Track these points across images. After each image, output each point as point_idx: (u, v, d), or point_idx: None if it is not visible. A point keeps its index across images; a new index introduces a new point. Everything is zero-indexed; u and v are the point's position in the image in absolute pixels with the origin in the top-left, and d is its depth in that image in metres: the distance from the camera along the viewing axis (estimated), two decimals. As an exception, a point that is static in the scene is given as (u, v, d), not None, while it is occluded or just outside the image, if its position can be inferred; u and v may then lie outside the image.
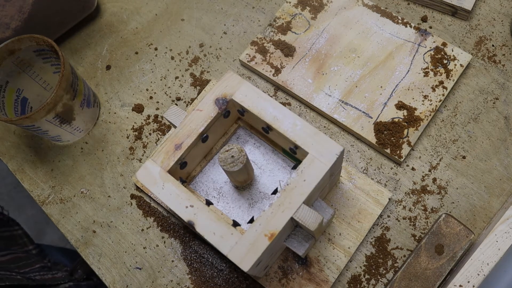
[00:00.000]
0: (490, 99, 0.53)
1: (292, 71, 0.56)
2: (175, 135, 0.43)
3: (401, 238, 0.49)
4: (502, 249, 0.43)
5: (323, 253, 0.48)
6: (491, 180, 0.50)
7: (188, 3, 0.64)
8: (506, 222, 0.45)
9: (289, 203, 0.39)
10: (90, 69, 0.62)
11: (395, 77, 0.55)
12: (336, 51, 0.57)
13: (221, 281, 0.49)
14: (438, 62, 0.54)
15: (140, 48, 0.62)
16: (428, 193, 0.50)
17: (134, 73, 0.61)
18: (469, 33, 0.57)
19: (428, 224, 0.49)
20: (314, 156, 0.40)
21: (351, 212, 0.49)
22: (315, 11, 0.60)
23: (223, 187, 0.48)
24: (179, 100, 0.58)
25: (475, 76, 0.55)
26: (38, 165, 0.57)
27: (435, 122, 0.53)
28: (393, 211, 0.50)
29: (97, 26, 0.65)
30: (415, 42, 0.56)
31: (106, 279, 0.51)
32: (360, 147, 0.53)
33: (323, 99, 0.54)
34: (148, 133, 0.57)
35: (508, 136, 0.52)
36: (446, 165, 0.51)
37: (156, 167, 0.42)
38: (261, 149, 0.49)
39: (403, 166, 0.51)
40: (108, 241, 0.52)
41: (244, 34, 0.61)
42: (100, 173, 0.56)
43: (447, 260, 0.45)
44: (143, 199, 0.54)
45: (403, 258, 0.48)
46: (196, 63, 0.60)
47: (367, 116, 0.53)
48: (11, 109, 0.54)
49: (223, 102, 0.44)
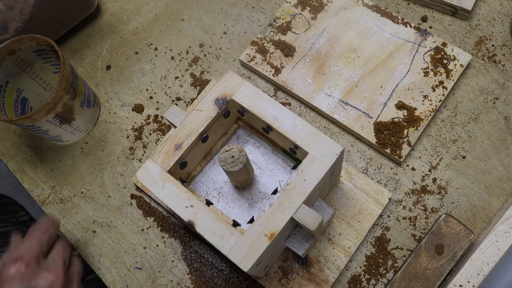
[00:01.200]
0: (490, 99, 0.53)
1: (292, 71, 0.56)
2: (175, 135, 0.43)
3: (401, 238, 0.49)
4: (502, 249, 0.43)
5: (323, 253, 0.48)
6: (491, 180, 0.50)
7: (188, 3, 0.64)
8: (506, 222, 0.45)
9: (289, 203, 0.39)
10: (90, 69, 0.62)
11: (395, 77, 0.54)
12: (336, 51, 0.57)
13: (221, 281, 0.49)
14: (438, 62, 0.54)
15: (140, 48, 0.62)
16: (428, 193, 0.50)
17: (134, 73, 0.61)
18: (469, 33, 0.57)
19: (428, 224, 0.49)
20: (314, 156, 0.40)
21: (351, 212, 0.49)
22: (315, 11, 0.60)
23: (223, 187, 0.48)
24: (179, 100, 0.58)
25: (475, 76, 0.55)
26: (38, 165, 0.57)
27: (435, 122, 0.53)
28: (393, 211, 0.50)
29: (97, 26, 0.65)
30: (415, 42, 0.56)
31: (106, 279, 0.51)
32: (360, 147, 0.53)
33: (323, 99, 0.54)
34: (148, 133, 0.57)
35: (508, 136, 0.52)
36: (446, 165, 0.51)
37: (156, 167, 0.42)
38: (261, 149, 0.49)
39: (403, 166, 0.51)
40: (108, 241, 0.52)
41: (244, 34, 0.61)
42: (100, 173, 0.56)
43: (447, 260, 0.45)
44: (143, 199, 0.54)
45: (403, 258, 0.48)
46: (196, 63, 0.60)
47: (367, 116, 0.53)
48: (11, 109, 0.54)
49: (223, 102, 0.44)
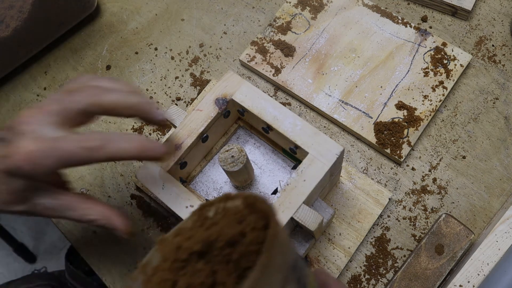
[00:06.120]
0: (490, 99, 0.53)
1: (292, 71, 0.56)
2: (175, 135, 0.43)
3: (401, 238, 0.49)
4: (502, 249, 0.43)
5: (323, 253, 0.48)
6: (491, 180, 0.50)
7: (188, 3, 0.64)
8: (506, 222, 0.45)
9: (289, 203, 0.39)
10: (90, 69, 0.62)
11: (395, 77, 0.55)
12: (336, 51, 0.57)
13: (221, 281, 0.49)
14: (438, 62, 0.54)
15: (140, 48, 0.62)
16: (428, 193, 0.50)
17: (134, 73, 0.61)
18: (469, 33, 0.57)
19: (428, 224, 0.49)
20: (314, 156, 0.40)
21: (351, 212, 0.49)
22: (315, 11, 0.60)
23: (223, 187, 0.48)
24: (179, 100, 0.58)
25: (475, 76, 0.55)
26: (38, 165, 0.57)
27: (435, 122, 0.53)
28: (393, 211, 0.50)
29: (97, 26, 0.65)
30: (415, 42, 0.56)
31: (106, 279, 0.51)
32: (360, 147, 0.53)
33: (323, 99, 0.54)
34: (148, 133, 0.57)
35: (508, 136, 0.52)
36: (446, 165, 0.51)
37: (156, 167, 0.42)
38: (261, 149, 0.49)
39: (403, 166, 0.51)
40: (108, 241, 0.52)
41: (244, 34, 0.61)
42: (100, 173, 0.56)
43: (447, 260, 0.45)
44: (143, 199, 0.54)
45: (403, 258, 0.48)
46: (196, 63, 0.60)
47: (367, 116, 0.53)
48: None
49: (223, 102, 0.44)
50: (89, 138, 0.33)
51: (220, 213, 0.27)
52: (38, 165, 0.32)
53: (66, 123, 0.35)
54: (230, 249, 0.25)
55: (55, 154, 0.32)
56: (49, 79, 0.62)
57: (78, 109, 0.34)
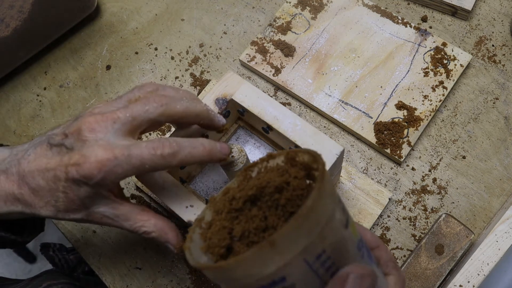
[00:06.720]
0: (490, 99, 0.53)
1: (292, 71, 0.56)
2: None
3: (401, 238, 0.49)
4: (502, 249, 0.43)
5: (323, 253, 0.48)
6: (491, 180, 0.50)
7: (188, 3, 0.64)
8: (506, 222, 0.45)
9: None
10: (90, 69, 0.62)
11: (395, 77, 0.55)
12: (336, 51, 0.57)
13: (221, 281, 0.49)
14: (438, 62, 0.54)
15: (140, 48, 0.62)
16: (428, 193, 0.50)
17: (134, 73, 0.61)
18: (469, 33, 0.57)
19: (428, 224, 0.49)
20: (314, 156, 0.40)
21: (351, 212, 0.49)
22: (315, 11, 0.60)
23: (223, 187, 0.48)
24: (179, 100, 0.58)
25: (475, 76, 0.55)
26: (38, 165, 0.57)
27: (435, 122, 0.53)
28: (393, 211, 0.50)
29: (97, 26, 0.65)
30: (415, 42, 0.56)
31: (106, 279, 0.51)
32: (360, 147, 0.53)
33: (323, 99, 0.54)
34: (148, 133, 0.57)
35: (508, 136, 0.52)
36: (446, 165, 0.51)
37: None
38: (261, 149, 0.49)
39: (403, 166, 0.51)
40: (108, 241, 0.52)
41: (244, 34, 0.61)
42: (100, 173, 0.56)
43: (447, 260, 0.45)
44: (143, 199, 0.54)
45: (403, 258, 0.48)
46: (196, 63, 0.60)
47: (367, 116, 0.53)
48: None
49: (223, 102, 0.44)
50: (162, 145, 0.33)
51: (263, 172, 0.30)
52: (110, 173, 0.32)
53: (133, 132, 0.34)
54: (278, 195, 0.27)
55: (129, 162, 0.32)
56: (49, 79, 0.62)
57: (149, 118, 0.34)
